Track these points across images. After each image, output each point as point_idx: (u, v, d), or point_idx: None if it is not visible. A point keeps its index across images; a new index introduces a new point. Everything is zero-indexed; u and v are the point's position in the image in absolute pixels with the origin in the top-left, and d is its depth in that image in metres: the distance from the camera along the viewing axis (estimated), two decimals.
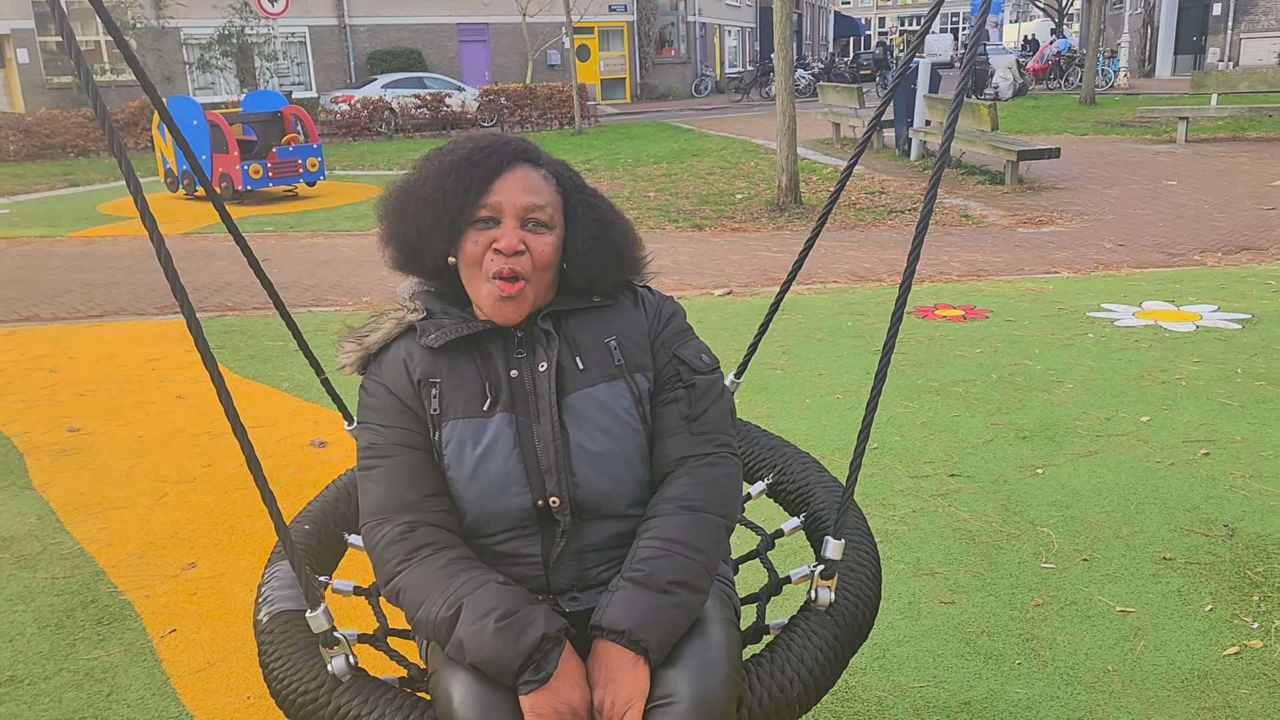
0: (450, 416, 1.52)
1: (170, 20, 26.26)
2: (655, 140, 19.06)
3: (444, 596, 1.40)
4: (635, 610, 1.39)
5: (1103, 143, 15.33)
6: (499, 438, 1.51)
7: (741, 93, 34.24)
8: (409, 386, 1.54)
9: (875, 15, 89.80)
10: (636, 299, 1.64)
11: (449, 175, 1.52)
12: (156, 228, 1.28)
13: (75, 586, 3.09)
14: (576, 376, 1.54)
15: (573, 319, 1.59)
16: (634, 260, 1.64)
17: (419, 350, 1.55)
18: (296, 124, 13.81)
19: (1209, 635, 2.59)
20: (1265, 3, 29.84)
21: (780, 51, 10.14)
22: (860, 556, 1.72)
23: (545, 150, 1.62)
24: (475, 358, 1.55)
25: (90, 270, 8.83)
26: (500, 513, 1.51)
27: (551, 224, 1.53)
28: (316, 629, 1.40)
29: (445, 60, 31.42)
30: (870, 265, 7.69)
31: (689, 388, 1.59)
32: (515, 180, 1.52)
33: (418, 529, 1.48)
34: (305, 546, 1.81)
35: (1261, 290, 6.18)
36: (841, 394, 4.56)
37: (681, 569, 1.44)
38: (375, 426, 1.55)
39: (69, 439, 4.40)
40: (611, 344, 1.57)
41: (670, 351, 1.60)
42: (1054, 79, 29.95)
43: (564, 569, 1.53)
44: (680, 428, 1.57)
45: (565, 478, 1.51)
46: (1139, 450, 3.79)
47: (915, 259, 1.42)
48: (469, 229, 1.51)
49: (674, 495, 1.53)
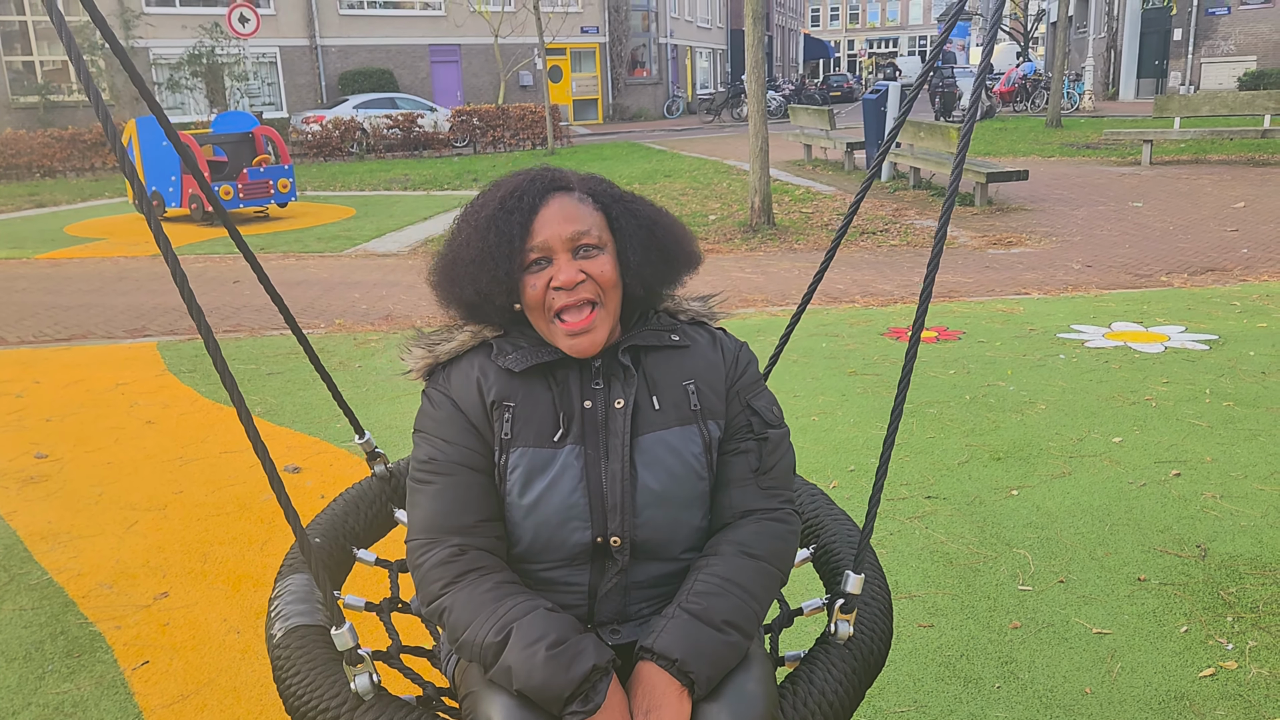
0: (520, 443, 1.49)
1: (139, 40, 26.11)
2: (628, 161, 19.14)
3: (492, 620, 1.38)
4: (689, 640, 1.39)
5: (1069, 164, 15.56)
6: (566, 470, 1.48)
7: (713, 114, 34.48)
8: (479, 405, 1.51)
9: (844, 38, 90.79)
10: (715, 342, 1.62)
11: (489, 230, 1.48)
12: (172, 249, 1.28)
13: (44, 618, 3.03)
14: (652, 417, 1.52)
15: (651, 356, 1.56)
16: (687, 255, 1.60)
17: (494, 370, 1.52)
18: (267, 145, 13.74)
19: (1185, 656, 2.62)
20: (1224, 29, 30.51)
21: (753, 74, 10.23)
22: (874, 591, 1.73)
23: (570, 170, 1.60)
24: (551, 384, 1.52)
25: (57, 292, 8.72)
26: (557, 545, 1.49)
27: (601, 243, 1.50)
28: (342, 646, 1.38)
29: (417, 81, 31.43)
30: (843, 286, 7.75)
31: (761, 441, 1.57)
32: (553, 213, 1.48)
33: (468, 552, 1.46)
34: (317, 560, 1.79)
35: (1227, 311, 6.28)
36: (817, 416, 4.58)
37: (737, 610, 1.44)
38: (436, 440, 1.52)
39: (36, 465, 4.33)
40: (690, 387, 1.55)
41: (744, 401, 1.58)
42: (1020, 102, 30.43)
43: (609, 603, 1.52)
44: (749, 480, 1.56)
45: (629, 518, 1.49)
46: (1111, 471, 3.83)
47: (927, 297, 1.44)
48: (524, 275, 1.48)
49: (737, 540, 1.52)
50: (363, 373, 5.64)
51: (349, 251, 10.59)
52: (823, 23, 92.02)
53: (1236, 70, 29.67)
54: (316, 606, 1.60)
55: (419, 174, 18.40)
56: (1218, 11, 30.53)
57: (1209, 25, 30.78)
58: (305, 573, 1.69)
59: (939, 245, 1.42)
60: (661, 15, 39.53)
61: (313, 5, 29.42)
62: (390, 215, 13.14)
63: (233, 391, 1.28)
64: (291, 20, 29.27)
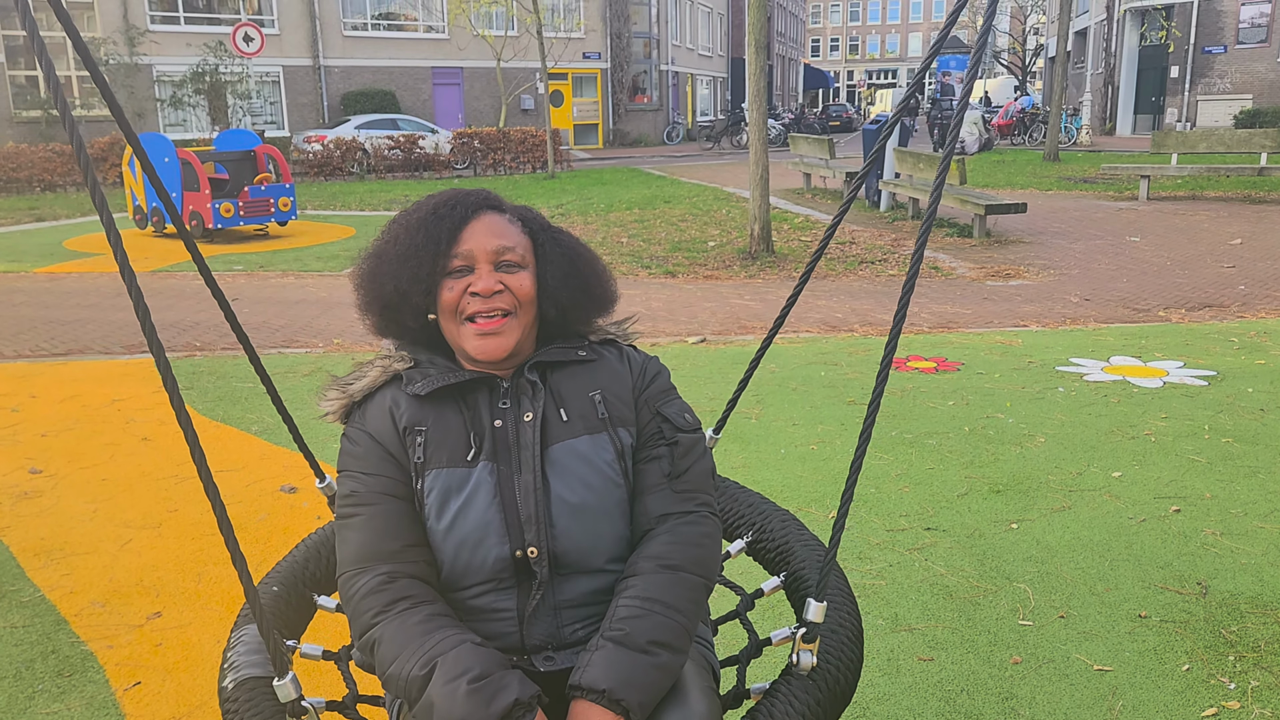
0: (434, 465, 1.51)
1: (143, 57, 26.23)
2: (628, 186, 19.20)
3: (418, 654, 1.37)
4: (616, 670, 1.37)
5: (1067, 198, 15.64)
6: (479, 487, 1.50)
7: (713, 141, 34.67)
8: (394, 434, 1.53)
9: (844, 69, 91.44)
10: (622, 355, 1.65)
11: (418, 231, 1.55)
12: (128, 262, 1.27)
13: (35, 636, 3.00)
14: (560, 428, 1.54)
15: (558, 371, 1.59)
16: (604, 292, 1.66)
17: (405, 398, 1.55)
18: (269, 163, 13.77)
19: (1186, 695, 2.60)
20: (1220, 67, 30.79)
21: (754, 102, 10.29)
22: (842, 618, 1.70)
23: (507, 198, 1.66)
24: (461, 407, 1.55)
25: (55, 307, 8.70)
26: (478, 564, 1.49)
27: (524, 263, 1.56)
28: (284, 698, 1.38)
29: (419, 103, 31.59)
30: (842, 315, 7.76)
31: (671, 445, 1.59)
32: (483, 227, 1.55)
33: (397, 580, 1.46)
34: (274, 609, 1.77)
35: (1225, 347, 6.29)
36: (816, 445, 4.57)
37: (662, 629, 1.43)
38: (357, 474, 1.54)
39: (30, 481, 4.30)
40: (596, 397, 1.57)
41: (654, 409, 1.61)
42: (1018, 135, 30.64)
43: (539, 625, 1.51)
44: (662, 485, 1.57)
45: (544, 528, 1.49)
46: (1111, 506, 3.82)
47: (900, 320, 1.43)
48: (444, 279, 1.53)
49: (654, 554, 1.52)
50: None
51: (348, 271, 10.56)
52: (823, 53, 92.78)
53: (1233, 108, 29.92)
54: (269, 657, 1.58)
55: (419, 195, 18.07)
56: (1214, 50, 30.83)
57: (1206, 63, 31.07)
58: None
59: (914, 268, 1.40)
60: (663, 42, 39.82)
61: (317, 26, 29.60)
62: None
63: (181, 414, 1.28)
64: (295, 40, 29.44)
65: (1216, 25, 30.72)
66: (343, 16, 30.26)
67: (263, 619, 1.34)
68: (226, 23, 27.21)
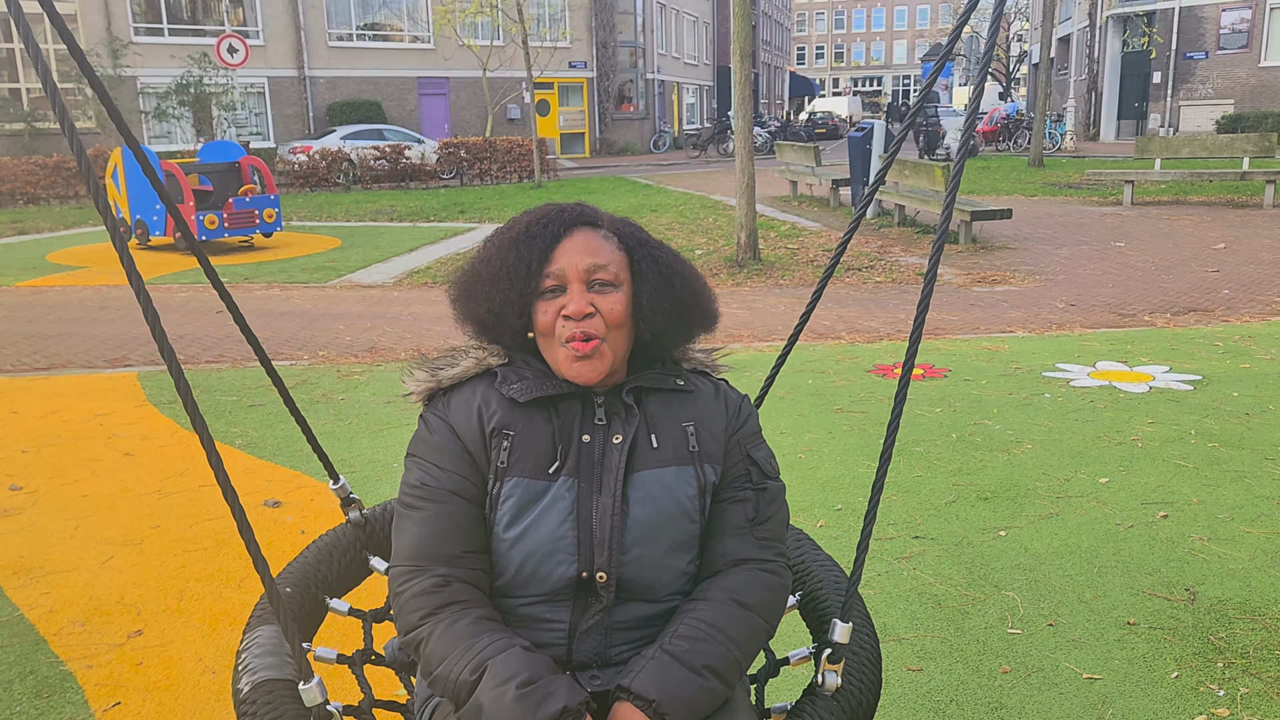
0: (516, 473, 1.47)
1: (127, 69, 26.12)
2: (614, 195, 19.21)
3: (467, 657, 1.35)
4: (668, 682, 1.36)
5: (1052, 204, 15.71)
6: (557, 502, 1.46)
7: (699, 149, 34.71)
8: (478, 433, 1.49)
9: (829, 76, 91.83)
10: (718, 392, 1.61)
11: (510, 251, 1.50)
12: (141, 280, 1.25)
13: (13, 656, 2.95)
14: (648, 454, 1.51)
15: (654, 397, 1.56)
16: (702, 311, 1.59)
17: (496, 397, 1.51)
18: (254, 174, 13.72)
19: (1176, 703, 2.59)
20: (1202, 73, 31.02)
21: (740, 110, 10.30)
22: (862, 640, 1.69)
23: (603, 210, 1.60)
24: (551, 416, 1.51)
25: (37, 321, 8.63)
26: (542, 578, 1.46)
27: (617, 281, 1.50)
28: (310, 702, 1.35)
29: (405, 113, 31.55)
30: (829, 323, 7.76)
31: (759, 491, 1.56)
32: (575, 244, 1.50)
33: (451, 584, 1.43)
34: (288, 612, 1.74)
35: (1210, 351, 6.31)
36: (804, 454, 4.55)
37: (720, 657, 1.42)
38: (430, 465, 1.49)
39: (11, 498, 4.25)
40: (689, 429, 1.54)
41: (744, 450, 1.57)
42: (1003, 141, 30.79)
43: (588, 643, 1.49)
44: (744, 529, 1.54)
45: (616, 554, 1.47)
46: (1099, 512, 3.81)
47: (917, 339, 1.43)
48: (538, 300, 1.49)
49: (729, 586, 1.50)
50: (346, 405, 5.59)
51: (334, 282, 10.54)
52: (808, 60, 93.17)
53: (1214, 113, 30.13)
54: (285, 659, 1.55)
55: (405, 205, 18.40)
56: (1196, 56, 31.06)
57: (1187, 69, 31.29)
58: (274, 624, 1.64)
59: (929, 285, 1.41)
60: (649, 51, 39.90)
61: (302, 36, 29.55)
62: (376, 246, 13.11)
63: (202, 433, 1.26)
64: (280, 51, 29.39)
65: (1198, 32, 30.95)
66: (328, 27, 30.22)
67: (287, 622, 1.32)
68: (211, 34, 27.11)
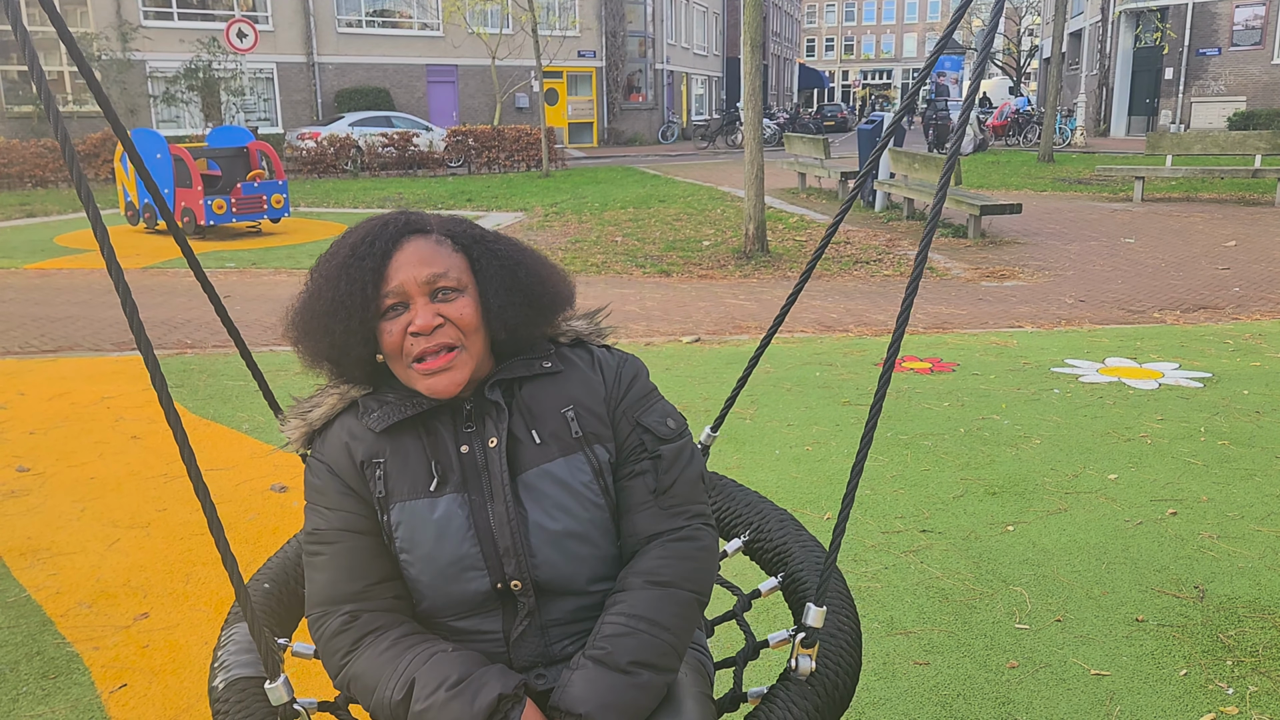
0: (397, 499, 1.43)
1: (136, 53, 26.12)
2: (622, 185, 19.17)
3: (394, 678, 1.34)
4: (595, 691, 1.34)
5: (1062, 199, 15.65)
6: (451, 519, 1.42)
7: (707, 140, 34.64)
8: (351, 468, 1.45)
9: (839, 69, 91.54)
10: (594, 360, 1.54)
11: (340, 278, 1.42)
12: (114, 256, 1.23)
13: (20, 637, 2.95)
14: (533, 451, 1.46)
15: (526, 386, 1.49)
16: (553, 295, 1.52)
17: (361, 429, 1.46)
18: (262, 160, 13.71)
19: (1184, 701, 2.57)
20: (1214, 69, 30.86)
21: (749, 102, 10.26)
22: (840, 622, 1.67)
23: (430, 212, 1.53)
24: (420, 434, 1.46)
25: (45, 304, 8.64)
26: (458, 596, 1.44)
27: (461, 285, 1.43)
28: (276, 701, 1.35)
29: (413, 100, 31.51)
30: (837, 315, 7.73)
31: (655, 459, 1.50)
32: (408, 256, 1.42)
33: (360, 617, 1.42)
34: (265, 607, 1.73)
35: (1220, 349, 6.28)
36: (811, 445, 4.54)
37: (646, 648, 1.38)
38: (319, 509, 1.47)
39: (18, 479, 4.25)
40: (569, 414, 1.48)
41: (633, 420, 1.51)
42: (1013, 136, 30.67)
43: (527, 645, 1.46)
44: (649, 503, 1.49)
45: (525, 559, 1.43)
46: (1108, 508, 3.80)
47: (904, 322, 1.40)
48: (381, 321, 1.42)
49: (644, 569, 1.46)
50: None
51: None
52: (818, 53, 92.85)
53: (1226, 110, 29.99)
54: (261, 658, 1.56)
55: (413, 193, 18.39)
56: (1208, 52, 30.89)
57: (1200, 65, 31.13)
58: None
59: (919, 269, 1.39)
60: (658, 41, 39.78)
61: (311, 23, 29.50)
62: None
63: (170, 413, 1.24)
64: (289, 37, 29.34)
65: (1211, 27, 30.79)
66: (337, 13, 30.16)
67: (254, 620, 1.31)
68: (220, 19, 27.10)
